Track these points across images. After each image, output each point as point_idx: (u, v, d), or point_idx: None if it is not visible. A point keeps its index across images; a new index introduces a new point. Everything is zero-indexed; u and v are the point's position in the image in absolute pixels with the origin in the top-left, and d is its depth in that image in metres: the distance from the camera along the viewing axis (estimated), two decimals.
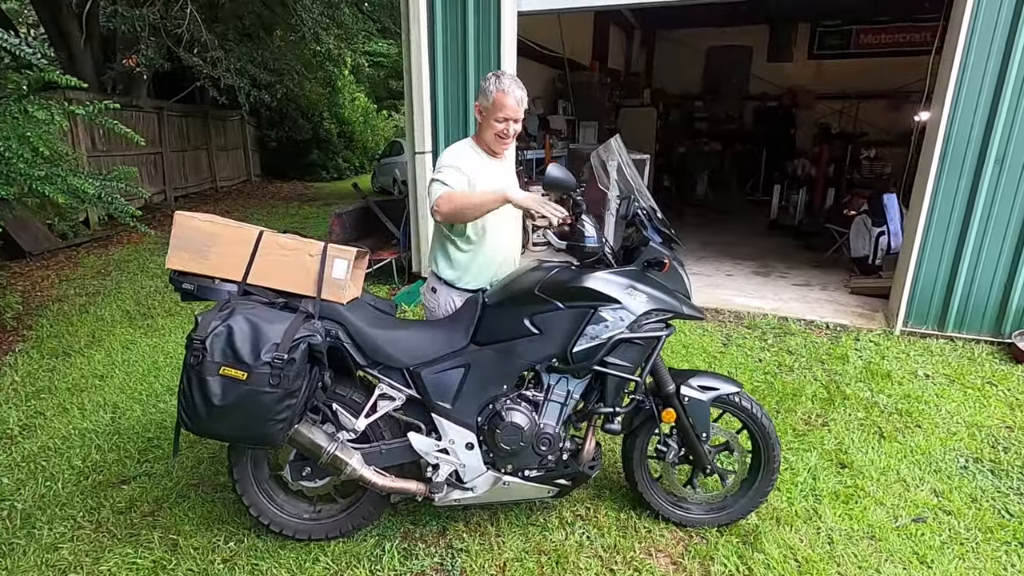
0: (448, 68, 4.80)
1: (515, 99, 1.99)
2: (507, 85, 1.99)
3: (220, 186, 12.74)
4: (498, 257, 2.16)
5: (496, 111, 2.00)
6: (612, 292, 1.83)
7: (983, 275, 3.67)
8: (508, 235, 2.19)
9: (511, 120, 2.02)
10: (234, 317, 1.61)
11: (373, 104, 19.13)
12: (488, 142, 2.08)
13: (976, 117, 3.50)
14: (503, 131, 2.03)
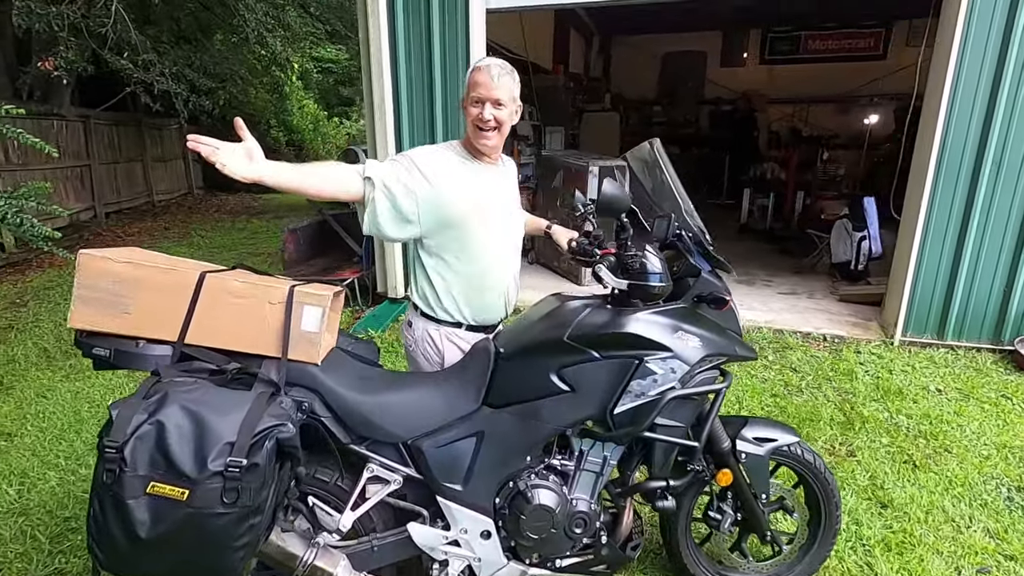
0: (412, 72, 4.40)
1: (491, 75, 1.58)
2: (484, 62, 1.62)
3: (158, 200, 11.79)
4: (486, 284, 1.74)
5: (470, 91, 1.62)
6: (661, 338, 1.48)
7: (982, 281, 3.57)
8: (500, 258, 1.76)
9: (487, 101, 1.59)
10: (167, 408, 1.15)
11: (323, 111, 18.36)
12: (470, 138, 1.68)
13: (972, 120, 3.38)
14: (478, 117, 1.60)
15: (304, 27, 10.17)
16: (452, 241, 1.66)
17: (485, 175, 1.73)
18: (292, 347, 1.42)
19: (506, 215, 1.78)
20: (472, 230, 1.66)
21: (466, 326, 1.75)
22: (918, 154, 3.69)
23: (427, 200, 1.59)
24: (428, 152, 1.68)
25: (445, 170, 1.64)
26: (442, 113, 4.42)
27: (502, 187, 1.79)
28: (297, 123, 16.09)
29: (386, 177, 1.56)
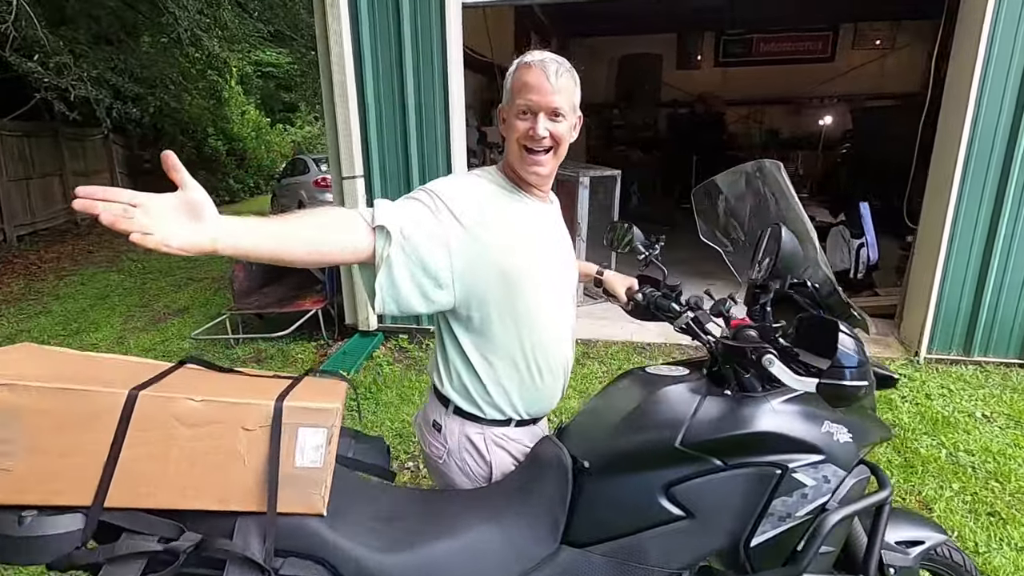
0: (380, 77, 3.86)
1: (547, 73, 1.12)
2: (535, 56, 1.15)
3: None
4: (547, 363, 1.25)
5: (515, 98, 1.14)
6: (808, 435, 1.05)
7: (1009, 294, 3.38)
8: (562, 324, 1.28)
9: (541, 111, 1.12)
10: None
11: (266, 118, 17.31)
12: (514, 164, 1.20)
13: (999, 129, 3.17)
14: (529, 133, 1.13)
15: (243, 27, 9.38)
16: (501, 308, 1.17)
17: (538, 214, 1.25)
18: (283, 495, 0.92)
19: (565, 267, 1.31)
20: (528, 291, 1.18)
21: (516, 422, 1.27)
22: (938, 165, 3.48)
23: (465, 253, 1.09)
24: (460, 184, 1.17)
25: (489, 208, 1.14)
26: (416, 121, 3.91)
27: (557, 230, 1.32)
28: (238, 131, 15.04)
29: (404, 224, 1.03)
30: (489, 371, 1.21)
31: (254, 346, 4.43)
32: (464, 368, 1.22)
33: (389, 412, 3.27)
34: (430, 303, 1.10)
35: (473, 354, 1.20)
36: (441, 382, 1.26)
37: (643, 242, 1.58)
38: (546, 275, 1.22)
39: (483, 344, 1.20)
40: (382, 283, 1.03)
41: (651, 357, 3.82)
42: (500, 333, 1.19)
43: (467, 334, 1.20)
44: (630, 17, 9.81)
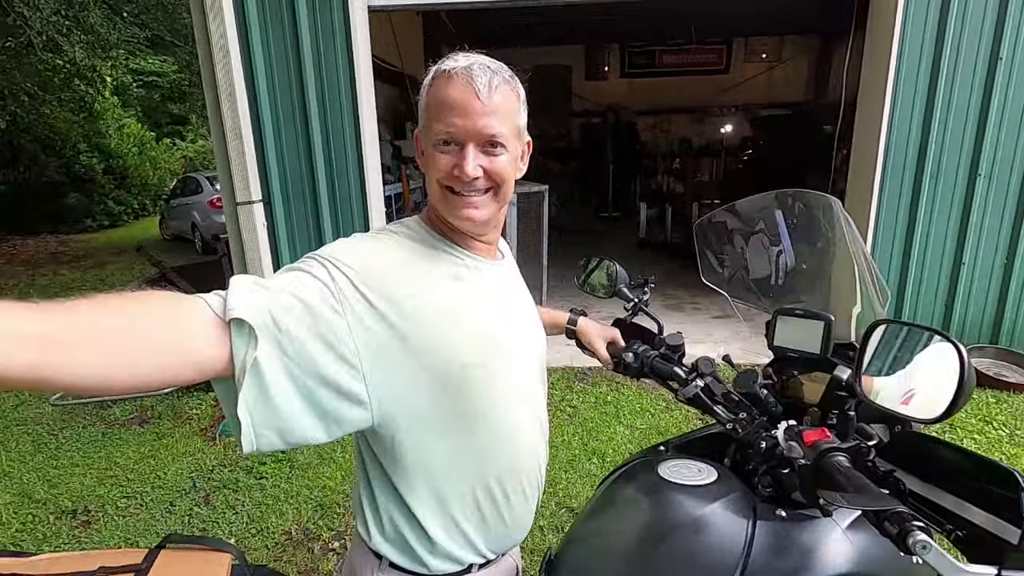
0: (276, 88, 3.39)
1: (476, 87, 0.78)
2: (457, 63, 0.81)
3: None
4: (513, 479, 0.92)
5: (433, 121, 0.81)
6: (892, 569, 0.82)
7: (926, 297, 3.50)
8: (531, 422, 0.96)
9: (472, 141, 0.80)
10: None
11: (150, 132, 15.69)
12: (439, 209, 0.87)
13: (911, 130, 3.28)
14: (453, 171, 0.81)
15: (114, 32, 8.32)
16: (444, 423, 0.83)
17: (486, 275, 0.91)
18: None
19: (530, 340, 0.98)
20: (481, 391, 0.84)
21: (478, 566, 0.93)
22: (857, 176, 3.56)
23: (380, 349, 0.75)
24: (366, 249, 0.82)
25: (411, 281, 0.80)
26: (322, 138, 3.48)
27: (515, 290, 1.00)
28: (116, 146, 13.46)
29: (277, 309, 0.68)
30: (436, 513, 0.86)
31: (136, 403, 3.76)
32: (399, 512, 0.87)
33: (306, 477, 2.80)
34: (333, 427, 0.74)
35: (410, 493, 0.85)
36: (368, 532, 0.90)
37: (629, 285, 1.31)
38: (504, 360, 0.88)
39: (424, 477, 0.85)
40: (249, 404, 0.66)
41: (594, 384, 3.62)
42: (447, 458, 0.85)
43: (397, 465, 0.84)
44: (537, 28, 9.81)
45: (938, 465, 0.82)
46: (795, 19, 9.61)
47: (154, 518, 2.63)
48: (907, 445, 0.86)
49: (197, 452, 3.15)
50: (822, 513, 0.82)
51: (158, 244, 10.77)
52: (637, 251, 7.37)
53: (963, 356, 0.73)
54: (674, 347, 1.16)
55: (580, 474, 2.69)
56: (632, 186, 10.53)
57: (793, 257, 3.74)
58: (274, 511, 2.59)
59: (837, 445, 0.79)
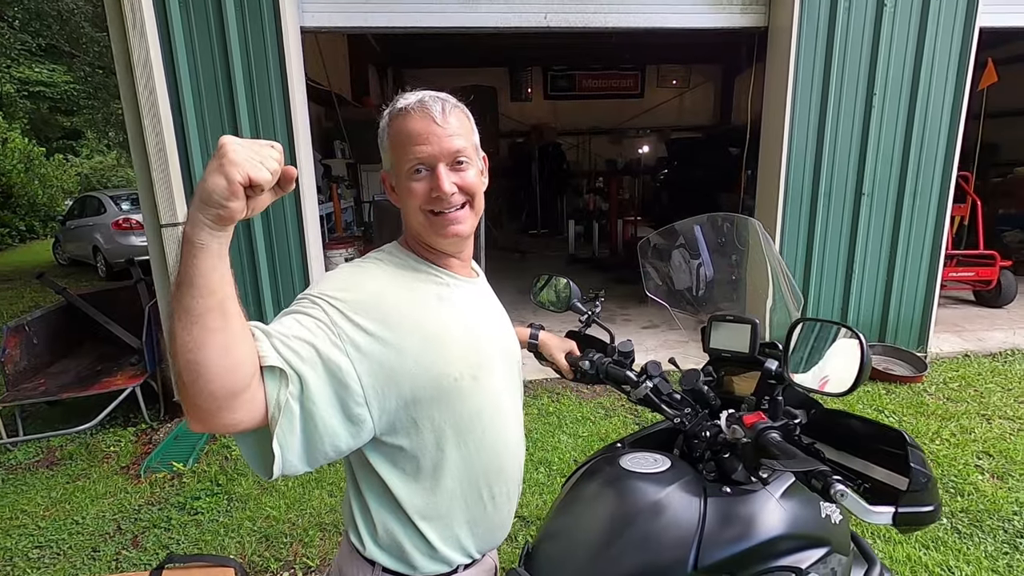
0: (204, 109, 3.29)
1: (433, 114, 0.89)
2: (410, 98, 0.91)
3: None
4: (498, 483, 0.99)
5: (401, 156, 0.90)
6: (814, 527, 0.97)
7: (824, 305, 3.92)
8: (512, 428, 1.03)
9: (440, 160, 0.89)
10: None
11: (38, 146, 14.33)
12: (423, 237, 0.95)
13: (807, 156, 3.71)
14: (432, 194, 0.90)
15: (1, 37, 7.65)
16: (437, 429, 0.90)
17: (471, 298, 1.00)
18: None
19: (508, 350, 1.07)
20: (468, 398, 0.92)
21: (464, 566, 0.99)
22: (763, 196, 3.96)
23: (376, 369, 0.82)
24: (353, 279, 0.89)
25: (397, 301, 0.87)
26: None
27: (491, 305, 1.09)
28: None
29: (298, 362, 0.76)
30: (432, 517, 0.93)
31: (43, 444, 3.44)
32: (394, 518, 0.92)
33: (247, 509, 2.69)
34: (351, 441, 0.83)
35: (407, 498, 0.91)
36: (361, 541, 0.94)
37: (582, 300, 1.43)
38: (488, 371, 0.97)
39: (421, 483, 0.92)
40: (285, 439, 0.75)
41: (535, 396, 3.72)
42: (443, 464, 0.92)
43: (394, 470, 0.91)
44: (461, 50, 10.03)
45: (846, 435, 0.99)
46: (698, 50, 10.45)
47: (75, 567, 2.42)
48: (822, 421, 1.03)
49: (119, 492, 2.93)
50: (762, 484, 0.97)
51: (53, 269, 9.82)
52: (566, 266, 7.63)
53: (862, 341, 0.90)
54: (625, 353, 1.29)
55: (528, 484, 2.77)
56: (559, 204, 10.91)
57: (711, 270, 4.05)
58: (214, 546, 2.47)
59: (770, 424, 0.93)
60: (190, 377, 0.67)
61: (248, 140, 0.68)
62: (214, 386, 0.67)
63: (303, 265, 3.56)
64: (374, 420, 0.84)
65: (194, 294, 0.66)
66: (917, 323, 4.09)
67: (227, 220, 0.66)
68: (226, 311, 0.68)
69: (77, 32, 8.10)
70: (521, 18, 3.59)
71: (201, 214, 0.65)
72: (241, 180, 0.65)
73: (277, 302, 3.55)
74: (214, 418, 0.69)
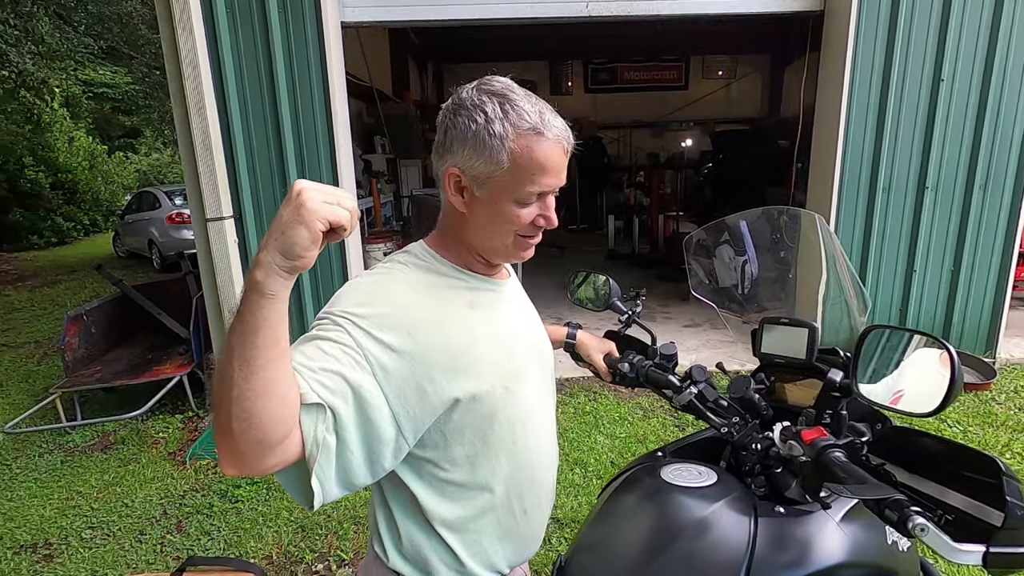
0: (248, 105, 3.35)
1: (566, 147, 0.83)
2: (547, 124, 0.81)
3: None
4: (532, 494, 0.95)
5: (524, 180, 0.81)
6: (880, 557, 0.87)
7: (881, 306, 3.69)
8: (546, 437, 0.99)
9: (554, 192, 0.86)
10: None
11: (101, 144, 15.10)
12: (498, 253, 0.90)
13: (865, 147, 3.49)
14: (537, 221, 0.85)
15: (65, 43, 8.04)
16: (468, 443, 0.86)
17: (502, 302, 0.95)
18: None
19: (540, 353, 1.01)
20: (500, 410, 0.87)
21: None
22: (816, 190, 3.75)
23: (410, 388, 0.78)
24: (377, 292, 0.83)
25: (425, 315, 0.82)
26: (295, 154, 3.44)
27: (522, 307, 1.02)
28: (65, 160, 12.90)
29: (329, 396, 0.71)
30: (459, 530, 0.88)
31: (98, 429, 3.59)
32: (419, 530, 0.88)
33: (285, 499, 2.73)
34: (386, 464, 0.80)
35: (434, 510, 0.87)
36: (385, 552, 0.91)
37: (622, 298, 1.35)
38: (521, 380, 0.91)
39: (450, 495, 0.87)
40: (323, 473, 0.72)
41: (572, 394, 3.65)
42: (474, 477, 0.88)
43: (421, 481, 0.86)
44: (500, 44, 9.97)
45: (920, 456, 0.88)
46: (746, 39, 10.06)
47: (123, 548, 2.51)
48: (892, 440, 0.92)
49: (166, 477, 3.03)
50: (822, 507, 0.88)
51: (112, 261, 10.34)
52: (605, 262, 7.50)
53: (952, 354, 0.79)
54: (668, 356, 1.21)
55: (563, 485, 2.71)
56: (599, 199, 10.74)
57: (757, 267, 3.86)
58: (252, 535, 2.52)
59: (834, 442, 0.84)
60: (241, 426, 0.63)
61: (320, 185, 0.65)
62: (265, 434, 0.65)
63: (342, 261, 3.59)
64: (406, 439, 0.80)
65: (259, 343, 0.63)
66: (985, 326, 3.80)
67: (303, 268, 0.64)
68: (287, 360, 0.66)
69: (135, 34, 8.45)
70: (562, 7, 3.50)
71: (277, 263, 0.62)
72: (323, 227, 0.63)
73: (317, 298, 3.60)
74: (256, 464, 0.66)
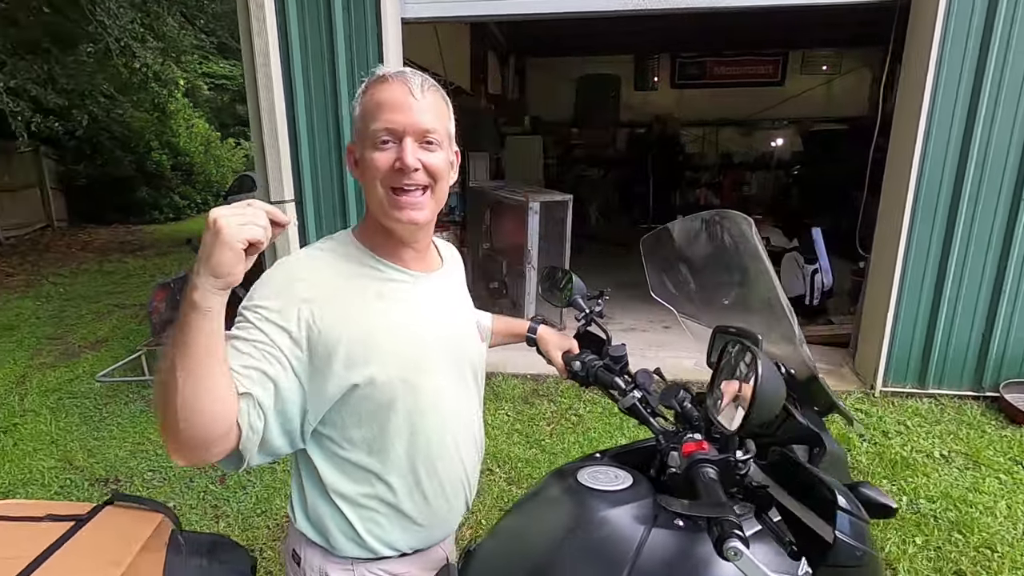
0: (312, 95, 3.59)
1: (410, 87, 0.87)
2: (391, 68, 0.90)
3: (6, 237, 9.87)
4: (435, 483, 0.99)
5: (369, 123, 0.87)
6: None
7: (961, 326, 3.32)
8: (458, 431, 1.02)
9: (411, 135, 0.87)
10: None
11: (216, 131, 16.65)
12: (377, 215, 0.92)
13: (947, 158, 3.13)
14: (395, 164, 0.87)
15: (187, 39, 8.93)
16: (363, 429, 0.92)
17: (419, 295, 0.97)
18: None
19: (458, 350, 1.03)
20: (403, 401, 0.92)
21: (399, 554, 1.00)
22: (889, 196, 3.42)
23: (314, 373, 0.86)
24: (292, 275, 0.89)
25: (339, 303, 0.88)
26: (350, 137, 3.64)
27: (446, 302, 1.04)
28: (184, 145, 14.36)
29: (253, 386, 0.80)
30: (356, 504, 0.94)
31: None
32: (321, 499, 0.95)
33: None
34: (299, 443, 0.91)
35: (333, 483, 0.94)
36: (294, 513, 0.99)
37: (584, 296, 1.35)
38: (428, 373, 0.95)
39: (346, 470, 0.93)
40: (252, 447, 0.81)
41: None
42: (367, 456, 0.93)
43: (323, 454, 0.93)
44: (588, 38, 9.83)
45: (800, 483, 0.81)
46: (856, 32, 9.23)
47: (174, 492, 2.82)
48: (778, 462, 0.86)
49: None
50: None
51: None
52: None
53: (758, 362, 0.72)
54: (616, 358, 1.19)
55: (531, 481, 2.70)
56: (674, 198, 10.37)
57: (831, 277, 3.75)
58: (280, 494, 2.73)
59: (709, 457, 0.80)
60: (187, 426, 0.71)
61: (233, 207, 0.71)
62: (209, 432, 0.72)
63: None
64: (310, 418, 0.88)
65: (200, 355, 0.69)
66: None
67: (234, 284, 0.71)
68: (225, 365, 0.74)
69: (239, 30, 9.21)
70: (608, 1, 3.40)
71: (210, 284, 0.69)
72: (243, 246, 0.68)
73: None
74: (202, 455, 0.74)
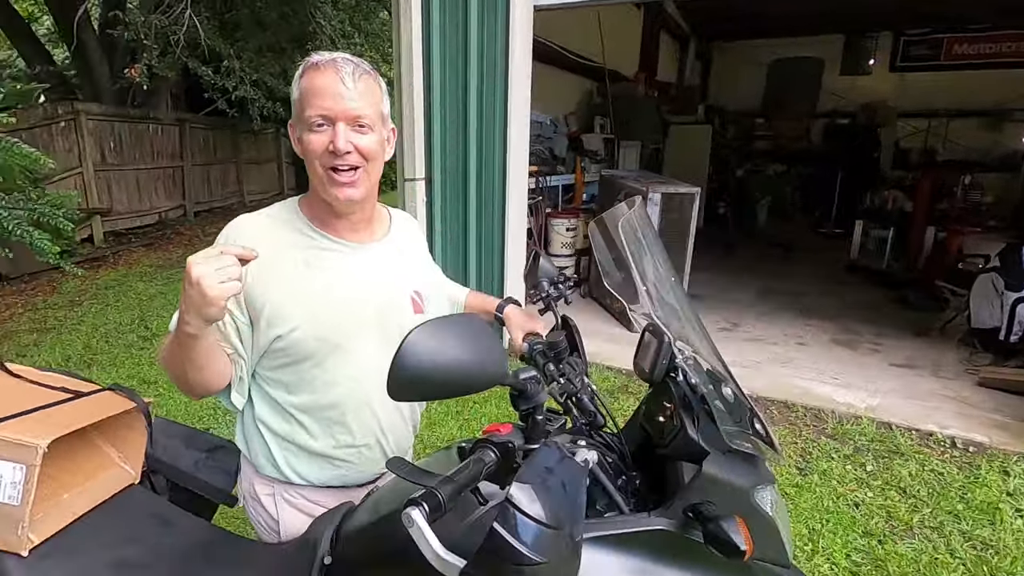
0: (446, 77, 3.85)
1: (340, 75, 0.95)
2: (324, 56, 0.97)
3: (249, 200, 12.31)
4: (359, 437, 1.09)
5: (305, 107, 0.96)
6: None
7: None
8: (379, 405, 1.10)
9: (342, 120, 0.95)
10: None
11: None
12: (318, 190, 1.02)
13: None
14: (328, 148, 0.96)
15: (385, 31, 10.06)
16: (287, 373, 1.06)
17: (349, 265, 1.06)
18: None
19: (392, 321, 1.10)
20: (312, 360, 1.04)
21: (311, 486, 1.11)
22: None
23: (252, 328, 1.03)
24: (235, 235, 1.02)
25: (267, 264, 0.98)
26: (476, 127, 3.85)
27: (382, 274, 1.10)
28: None
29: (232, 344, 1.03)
30: (276, 435, 1.08)
31: None
32: (252, 424, 1.10)
33: None
34: None
35: (260, 414, 1.08)
36: (236, 433, 1.15)
37: (549, 280, 1.31)
38: (350, 337, 1.05)
39: (270, 405, 1.08)
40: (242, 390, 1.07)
41: None
42: (285, 397, 1.06)
43: (256, 388, 1.09)
44: (788, 17, 8.78)
45: None
46: None
47: None
48: None
49: None
50: None
51: None
52: (844, 275, 6.27)
53: None
54: (551, 344, 1.14)
55: None
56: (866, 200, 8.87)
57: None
58: None
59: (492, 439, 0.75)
60: (195, 388, 0.97)
61: (208, 255, 0.81)
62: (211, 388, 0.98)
63: (501, 240, 3.90)
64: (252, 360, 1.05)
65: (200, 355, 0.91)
66: None
67: (218, 320, 0.87)
68: (219, 352, 0.97)
69: None
70: None
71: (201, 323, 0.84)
72: (225, 302, 0.82)
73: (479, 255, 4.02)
74: (206, 396, 0.99)
